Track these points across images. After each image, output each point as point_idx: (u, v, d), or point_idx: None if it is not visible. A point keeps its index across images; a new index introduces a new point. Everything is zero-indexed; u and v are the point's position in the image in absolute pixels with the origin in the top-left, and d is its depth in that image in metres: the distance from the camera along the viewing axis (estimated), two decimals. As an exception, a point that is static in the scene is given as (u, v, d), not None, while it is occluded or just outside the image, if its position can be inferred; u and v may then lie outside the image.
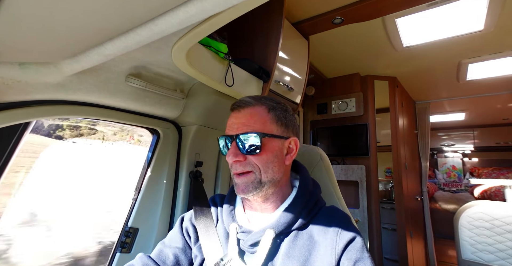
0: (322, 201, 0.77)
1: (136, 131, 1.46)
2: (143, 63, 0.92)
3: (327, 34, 1.81)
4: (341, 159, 2.75)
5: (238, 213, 0.77)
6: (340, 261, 0.62)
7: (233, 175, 0.72)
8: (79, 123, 1.41)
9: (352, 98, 2.64)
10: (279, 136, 0.71)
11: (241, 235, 0.70)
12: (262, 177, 0.68)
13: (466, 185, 4.77)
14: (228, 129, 0.72)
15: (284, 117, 0.74)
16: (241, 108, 0.72)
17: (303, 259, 0.63)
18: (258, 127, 0.69)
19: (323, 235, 0.66)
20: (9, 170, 0.79)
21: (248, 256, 0.69)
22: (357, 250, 0.62)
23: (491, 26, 1.78)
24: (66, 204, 1.34)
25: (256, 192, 0.68)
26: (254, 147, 0.67)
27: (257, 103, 0.72)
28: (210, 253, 0.72)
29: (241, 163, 0.69)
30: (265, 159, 0.69)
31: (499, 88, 2.96)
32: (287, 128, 0.74)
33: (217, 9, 0.52)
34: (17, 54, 0.68)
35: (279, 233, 0.66)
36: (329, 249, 0.63)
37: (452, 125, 4.85)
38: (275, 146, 0.71)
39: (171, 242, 0.81)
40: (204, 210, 0.84)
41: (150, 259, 0.77)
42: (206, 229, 0.78)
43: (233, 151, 0.68)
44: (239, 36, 1.43)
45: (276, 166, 0.70)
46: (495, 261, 1.99)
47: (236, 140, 0.69)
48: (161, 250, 0.79)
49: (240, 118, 0.71)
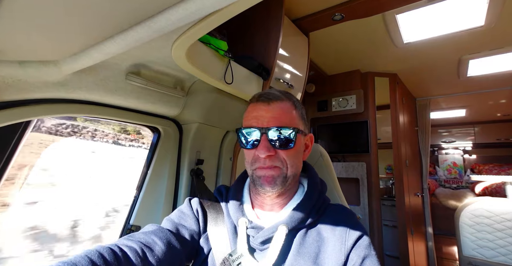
0: (328, 199, 0.78)
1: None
2: (143, 61, 0.92)
3: (327, 31, 1.80)
4: (342, 156, 2.75)
5: (247, 208, 0.75)
6: (349, 257, 0.63)
7: (256, 169, 0.69)
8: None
9: (353, 95, 2.64)
10: (304, 132, 0.73)
11: (250, 231, 0.69)
12: (288, 172, 0.68)
13: (467, 181, 4.76)
14: (253, 122, 0.68)
15: (304, 114, 0.76)
16: (270, 101, 0.69)
17: (313, 256, 0.63)
18: (290, 123, 0.68)
19: (331, 232, 0.67)
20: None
21: (258, 253, 0.68)
22: (365, 247, 0.64)
23: (492, 22, 1.77)
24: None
25: (281, 187, 0.68)
26: (288, 142, 0.67)
27: (285, 98, 0.72)
28: (218, 246, 0.70)
29: (271, 158, 0.67)
30: (293, 154, 0.69)
31: (500, 84, 2.95)
32: (306, 125, 0.76)
33: (216, 6, 0.52)
34: (17, 53, 0.68)
35: (291, 230, 0.66)
36: (338, 245, 0.64)
37: (452, 121, 4.84)
38: (301, 141, 0.72)
39: (184, 221, 0.75)
40: (212, 199, 0.81)
41: (171, 234, 0.69)
42: (215, 219, 0.75)
43: (266, 145, 0.65)
44: (239, 34, 1.43)
45: (299, 161, 0.72)
46: (496, 257, 2.00)
47: (268, 134, 0.66)
48: (178, 229, 0.72)
49: (271, 111, 0.68)
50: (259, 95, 0.72)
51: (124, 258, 0.58)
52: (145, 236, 0.66)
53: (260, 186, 0.68)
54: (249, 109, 0.72)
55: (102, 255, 0.55)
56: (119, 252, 0.58)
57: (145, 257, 0.61)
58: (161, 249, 0.64)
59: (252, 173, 0.70)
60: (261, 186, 0.67)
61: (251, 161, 0.70)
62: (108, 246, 0.58)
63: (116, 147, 1.61)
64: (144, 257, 0.61)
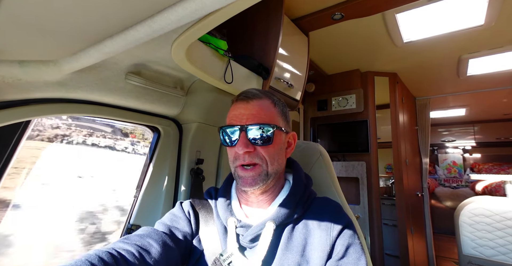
0: (314, 192, 0.78)
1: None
2: (143, 61, 0.92)
3: (327, 30, 1.80)
4: (342, 155, 2.75)
5: (235, 207, 0.76)
6: (334, 246, 0.64)
7: (237, 168, 0.70)
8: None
9: (352, 94, 2.64)
10: (284, 130, 0.74)
11: (240, 230, 0.70)
12: (269, 169, 0.69)
13: (467, 180, 4.77)
14: (233, 120, 0.70)
15: (286, 112, 0.77)
16: (249, 99, 0.71)
17: (301, 249, 0.65)
18: (268, 120, 0.69)
19: (317, 224, 0.68)
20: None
21: (248, 251, 0.69)
22: (349, 236, 0.65)
23: (492, 21, 1.77)
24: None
25: (262, 184, 0.69)
26: (266, 139, 0.68)
27: (264, 96, 0.73)
28: (209, 246, 0.72)
29: (250, 154, 0.68)
30: (272, 151, 0.70)
31: (499, 83, 2.95)
32: (288, 123, 0.77)
33: (216, 5, 0.52)
34: (17, 52, 0.68)
35: (278, 225, 0.67)
36: (324, 236, 0.65)
37: (452, 121, 4.84)
38: (281, 139, 0.73)
39: (177, 224, 0.76)
40: (203, 201, 0.82)
41: (166, 237, 0.70)
42: (206, 221, 0.77)
43: (244, 141, 0.67)
44: (239, 33, 1.43)
45: (280, 158, 0.73)
46: (496, 256, 2.00)
47: (246, 131, 0.68)
48: (172, 231, 0.73)
49: (250, 109, 0.70)
50: (239, 94, 0.74)
51: (123, 261, 0.59)
52: (140, 239, 0.67)
53: (242, 185, 0.70)
54: (231, 109, 0.74)
55: (102, 259, 0.56)
56: (118, 256, 0.59)
57: (142, 259, 0.62)
58: (158, 251, 0.65)
59: (234, 171, 0.72)
60: (243, 185, 0.70)
61: (232, 158, 0.72)
62: (106, 250, 0.59)
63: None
64: (141, 259, 0.62)
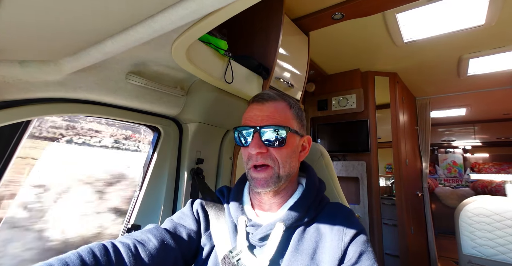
0: (327, 197, 0.79)
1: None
2: (143, 61, 0.92)
3: (327, 30, 1.80)
4: (342, 155, 2.76)
5: (247, 207, 0.77)
6: (346, 252, 0.64)
7: (250, 170, 0.71)
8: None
9: (353, 94, 2.64)
10: (299, 133, 0.74)
11: (250, 229, 0.71)
12: (281, 172, 0.70)
13: (467, 180, 4.77)
14: (248, 121, 0.72)
15: (301, 115, 0.77)
16: (264, 101, 0.72)
17: (311, 252, 0.65)
18: (283, 122, 0.70)
19: (329, 229, 0.67)
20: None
21: (257, 250, 0.70)
22: (362, 243, 0.65)
23: (493, 21, 1.77)
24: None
25: (274, 187, 0.69)
26: (280, 140, 0.68)
27: (280, 98, 0.74)
28: (220, 243, 0.73)
29: (262, 155, 0.69)
30: (285, 153, 0.70)
31: (500, 83, 2.95)
32: (303, 126, 0.77)
33: (216, 5, 0.52)
34: (17, 52, 0.68)
35: (289, 227, 0.67)
36: (335, 241, 0.64)
37: (452, 120, 4.84)
38: (295, 141, 0.73)
39: (183, 221, 0.79)
40: (215, 200, 0.84)
41: (167, 232, 0.73)
42: (217, 218, 0.78)
43: (257, 142, 0.68)
44: (239, 33, 1.43)
45: (293, 161, 0.73)
46: (496, 256, 2.00)
47: (260, 132, 0.69)
48: (176, 227, 0.76)
49: (264, 111, 0.71)
50: (255, 96, 0.75)
51: (115, 253, 0.63)
52: (141, 234, 0.71)
53: (255, 186, 0.71)
54: (246, 111, 0.76)
55: (92, 251, 0.60)
56: (111, 248, 0.63)
57: (137, 252, 0.66)
58: (154, 246, 0.68)
59: (248, 172, 0.73)
60: (255, 186, 0.71)
61: (246, 159, 0.73)
62: (102, 243, 0.64)
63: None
64: (136, 252, 0.65)
